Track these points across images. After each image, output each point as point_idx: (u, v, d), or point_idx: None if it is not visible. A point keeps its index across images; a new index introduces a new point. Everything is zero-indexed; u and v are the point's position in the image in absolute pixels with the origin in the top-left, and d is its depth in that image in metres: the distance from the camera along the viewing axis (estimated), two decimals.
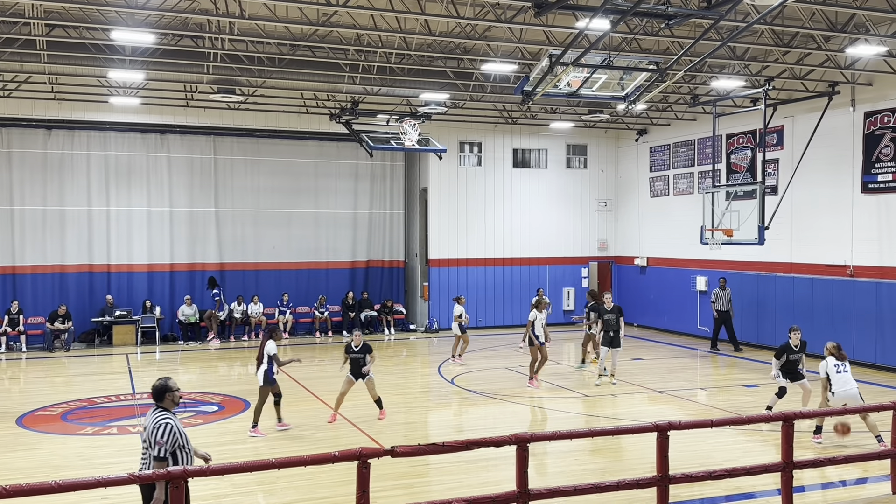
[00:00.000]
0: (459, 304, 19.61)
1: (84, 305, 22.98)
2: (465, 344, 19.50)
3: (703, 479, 8.20)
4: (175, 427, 6.70)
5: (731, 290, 21.23)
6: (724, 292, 21.11)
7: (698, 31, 14.81)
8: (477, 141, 25.81)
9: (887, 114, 18.03)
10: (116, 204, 23.37)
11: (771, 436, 11.77)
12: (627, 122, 25.23)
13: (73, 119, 21.63)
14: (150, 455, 6.64)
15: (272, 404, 12.71)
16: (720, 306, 21.08)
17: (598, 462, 10.98)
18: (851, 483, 9.82)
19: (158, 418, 6.71)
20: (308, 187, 25.39)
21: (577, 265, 27.12)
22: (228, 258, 24.60)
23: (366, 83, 18.99)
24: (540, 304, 16.47)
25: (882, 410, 9.03)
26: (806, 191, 19.98)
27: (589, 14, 11.68)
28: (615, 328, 16.21)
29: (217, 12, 13.58)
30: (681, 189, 24.69)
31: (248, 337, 23.67)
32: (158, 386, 6.88)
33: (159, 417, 6.72)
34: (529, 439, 7.39)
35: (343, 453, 6.85)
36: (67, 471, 10.37)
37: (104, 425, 13.17)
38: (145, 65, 16.76)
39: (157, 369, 19.38)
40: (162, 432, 6.60)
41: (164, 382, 6.90)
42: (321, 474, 9.64)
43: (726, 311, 21.05)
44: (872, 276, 18.37)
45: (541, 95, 13.61)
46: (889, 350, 17.89)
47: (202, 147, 24.20)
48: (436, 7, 13.77)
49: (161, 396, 6.85)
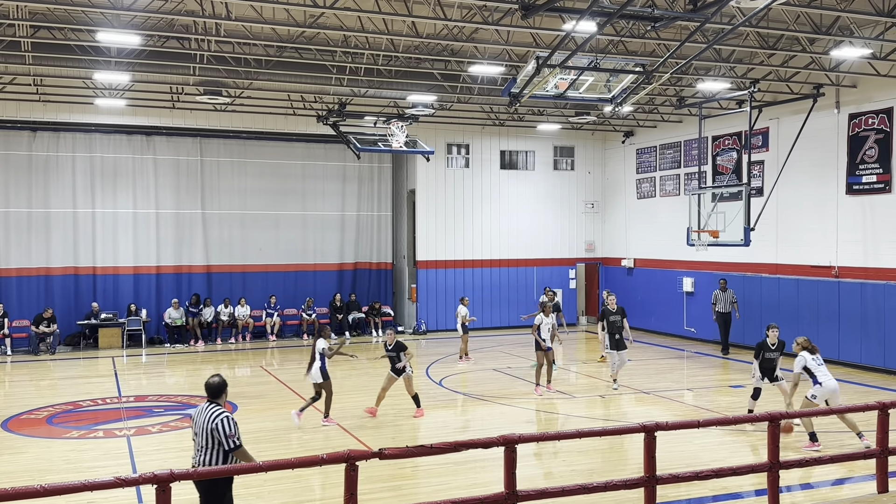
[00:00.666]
0: (463, 304, 19.85)
1: (69, 308, 22.83)
2: (464, 344, 19.65)
3: (690, 479, 8.24)
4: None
5: (733, 292, 20.93)
6: (725, 294, 20.85)
7: (684, 33, 14.89)
8: (464, 143, 25.84)
9: (871, 115, 18.18)
10: (102, 206, 23.24)
11: (757, 436, 11.83)
12: (614, 124, 25.32)
13: (58, 121, 21.50)
14: (214, 449, 6.93)
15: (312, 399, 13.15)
16: (721, 308, 20.85)
17: (587, 463, 11.01)
18: (837, 483, 9.88)
19: (217, 413, 6.98)
20: (295, 189, 25.34)
21: (565, 267, 27.19)
22: (215, 260, 24.50)
23: (353, 85, 18.96)
24: (545, 309, 16.01)
25: (867, 410, 9.09)
26: (791, 192, 20.11)
27: (576, 16, 11.72)
28: (619, 329, 15.87)
29: (203, 14, 13.53)
30: (667, 191, 24.80)
31: (235, 340, 23.57)
32: (217, 383, 7.16)
33: (218, 412, 6.99)
34: (517, 441, 7.40)
35: (331, 456, 6.83)
36: (53, 475, 10.31)
37: (90, 429, 13.09)
38: (131, 66, 16.68)
39: (143, 372, 19.30)
40: (229, 424, 6.94)
41: (222, 380, 7.21)
42: (309, 477, 9.62)
43: (727, 313, 20.79)
44: (857, 277, 18.51)
45: (528, 97, 13.65)
46: (873, 350, 18.03)
47: (188, 149, 24.10)
48: (423, 9, 13.77)
49: (219, 393, 7.15)
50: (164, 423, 13.42)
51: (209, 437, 6.94)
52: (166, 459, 10.91)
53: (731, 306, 20.80)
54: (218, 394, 7.15)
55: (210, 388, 7.16)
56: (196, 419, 7.10)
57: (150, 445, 12.01)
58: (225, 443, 6.93)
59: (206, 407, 7.07)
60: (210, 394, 7.15)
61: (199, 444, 7.04)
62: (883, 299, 17.78)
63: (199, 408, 7.17)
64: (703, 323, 22.87)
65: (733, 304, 20.80)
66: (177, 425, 13.30)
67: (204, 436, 6.97)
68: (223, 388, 7.18)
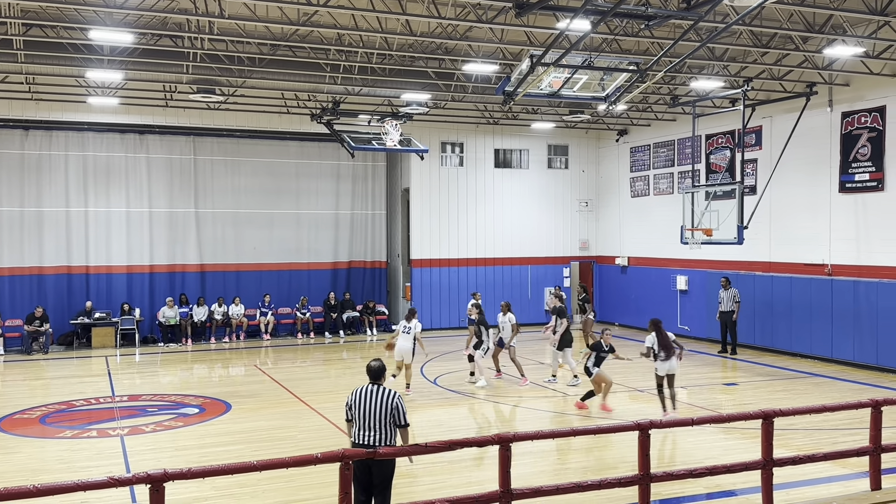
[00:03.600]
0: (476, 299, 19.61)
1: (63, 307, 22.76)
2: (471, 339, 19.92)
3: (684, 477, 8.24)
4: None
5: (737, 290, 20.41)
6: (728, 292, 20.35)
7: (678, 32, 14.91)
8: (459, 141, 25.83)
9: (864, 114, 18.23)
10: (95, 205, 23.16)
11: (750, 433, 11.86)
12: (608, 123, 25.34)
13: (50, 119, 21.42)
14: (389, 426, 7.43)
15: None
16: (723, 307, 20.41)
17: (581, 461, 11.02)
18: (831, 480, 9.91)
19: (394, 393, 7.54)
20: (289, 188, 25.29)
21: (559, 265, 27.21)
22: (209, 259, 24.44)
23: (347, 83, 18.95)
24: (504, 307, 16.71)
25: (860, 408, 9.12)
26: (784, 190, 20.16)
27: (569, 15, 11.72)
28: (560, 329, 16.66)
29: (196, 12, 13.49)
30: (661, 189, 24.83)
31: (228, 339, 23.52)
32: (378, 366, 7.70)
33: (394, 392, 7.56)
34: (512, 439, 7.40)
35: (325, 455, 6.82)
36: (46, 474, 10.27)
37: (83, 428, 13.05)
38: (124, 65, 16.63)
39: (137, 372, 19.25)
40: (403, 403, 7.56)
41: (382, 363, 7.77)
42: (303, 476, 9.61)
43: (728, 312, 20.32)
44: (850, 275, 18.57)
45: (522, 96, 13.62)
46: (867, 348, 18.08)
47: (182, 147, 24.03)
48: (417, 7, 13.76)
49: (380, 375, 7.67)
50: (157, 423, 13.38)
51: (386, 414, 7.42)
52: (160, 459, 10.89)
53: (734, 304, 20.24)
54: (379, 376, 7.66)
55: (372, 371, 7.67)
56: (363, 398, 7.50)
57: (143, 445, 11.97)
58: (401, 419, 7.47)
59: (374, 388, 7.52)
60: (372, 377, 7.64)
61: (369, 424, 7.43)
62: (876, 297, 17.83)
63: (363, 389, 7.56)
64: (696, 321, 22.91)
65: (737, 302, 20.24)
66: (170, 425, 13.27)
67: (380, 414, 7.41)
68: (384, 371, 7.73)
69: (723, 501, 9.27)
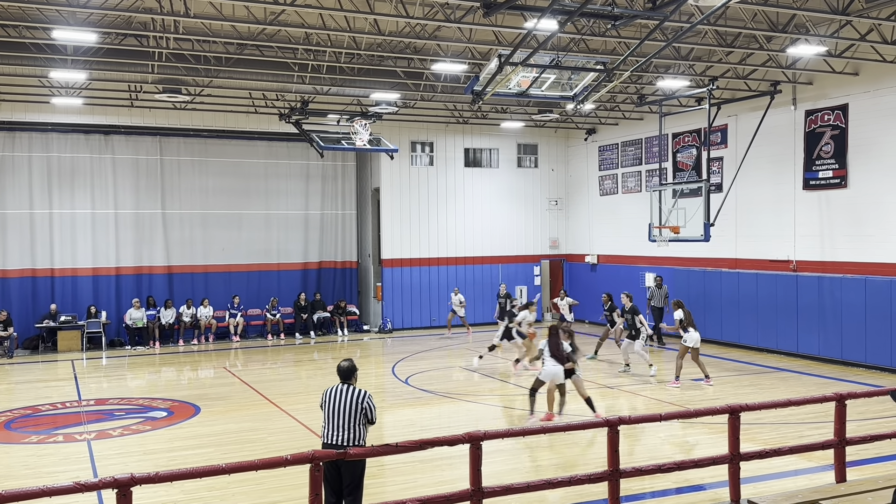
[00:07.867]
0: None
1: (27, 311, 22.39)
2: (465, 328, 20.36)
3: (652, 472, 8.32)
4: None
5: (668, 288, 22.11)
6: (660, 290, 22.01)
7: (644, 31, 15.04)
8: (428, 141, 25.83)
9: (827, 112, 18.53)
10: (59, 207, 22.81)
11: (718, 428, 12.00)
12: (577, 122, 25.49)
13: (13, 120, 21.08)
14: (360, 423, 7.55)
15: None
16: (655, 303, 22.04)
17: (551, 458, 11.09)
18: (797, 473, 10.07)
19: (365, 392, 7.64)
20: (258, 188, 25.11)
21: (529, 263, 27.32)
22: (176, 260, 24.18)
23: (315, 83, 18.86)
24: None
25: (825, 402, 9.27)
26: (750, 188, 20.43)
27: (537, 14, 11.78)
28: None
29: (161, 11, 13.35)
30: (629, 187, 25.04)
31: (197, 341, 23.30)
32: (349, 366, 7.78)
33: (365, 391, 7.65)
34: (482, 437, 7.42)
35: (295, 457, 6.79)
36: (12, 480, 10.10)
37: (49, 433, 12.85)
38: (88, 64, 16.40)
39: (104, 375, 18.99)
40: (372, 401, 7.69)
41: (353, 363, 7.86)
42: (273, 478, 9.55)
43: (661, 308, 21.87)
44: (814, 271, 18.87)
45: (491, 95, 13.67)
46: (831, 342, 18.38)
47: (148, 148, 23.76)
48: (385, 6, 13.73)
49: (350, 375, 7.76)
50: (125, 427, 13.22)
51: (357, 412, 7.52)
52: (128, 463, 10.77)
53: (664, 301, 21.83)
54: (349, 376, 7.75)
55: (343, 371, 7.77)
56: (332, 398, 7.61)
57: (111, 449, 11.82)
58: (372, 417, 7.64)
59: (345, 387, 7.63)
60: (343, 376, 7.75)
61: (338, 423, 7.51)
62: (840, 292, 18.13)
63: (335, 388, 7.67)
64: (665, 317, 23.10)
65: (666, 298, 21.81)
66: (138, 428, 13.12)
67: (351, 412, 7.51)
68: (354, 371, 7.80)
69: (691, 496, 9.38)
